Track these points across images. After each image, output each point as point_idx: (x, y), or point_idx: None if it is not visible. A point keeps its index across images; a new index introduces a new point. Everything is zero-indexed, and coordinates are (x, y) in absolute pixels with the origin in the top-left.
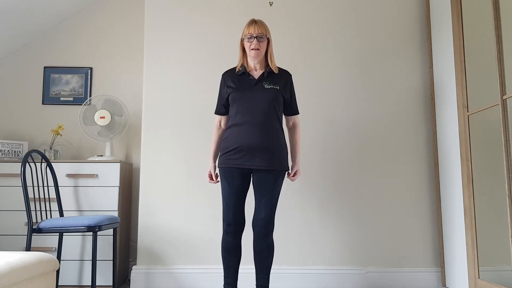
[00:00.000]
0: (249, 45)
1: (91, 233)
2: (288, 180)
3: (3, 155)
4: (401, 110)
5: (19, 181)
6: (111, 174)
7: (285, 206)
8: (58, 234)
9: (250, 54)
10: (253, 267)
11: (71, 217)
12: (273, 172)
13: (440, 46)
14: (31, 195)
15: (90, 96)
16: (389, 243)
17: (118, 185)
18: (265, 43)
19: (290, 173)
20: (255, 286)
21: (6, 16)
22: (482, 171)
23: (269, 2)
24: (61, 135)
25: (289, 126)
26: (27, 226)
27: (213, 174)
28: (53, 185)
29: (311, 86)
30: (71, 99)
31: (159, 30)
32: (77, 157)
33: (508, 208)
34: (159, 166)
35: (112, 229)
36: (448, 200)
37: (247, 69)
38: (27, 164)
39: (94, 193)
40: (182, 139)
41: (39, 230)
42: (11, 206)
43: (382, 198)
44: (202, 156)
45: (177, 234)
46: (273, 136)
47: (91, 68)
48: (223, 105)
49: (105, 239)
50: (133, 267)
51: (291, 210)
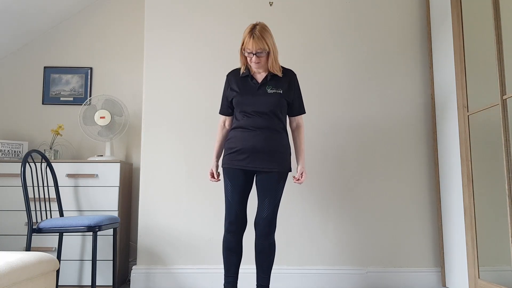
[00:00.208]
0: (249, 59)
1: (91, 233)
2: (289, 180)
3: (3, 155)
4: (401, 110)
5: (19, 181)
6: (111, 174)
7: (286, 206)
8: (58, 234)
9: (251, 65)
10: (254, 267)
11: (71, 217)
12: (276, 173)
13: (440, 46)
14: (31, 195)
15: (90, 96)
16: (389, 243)
17: (118, 185)
18: (265, 56)
19: (296, 176)
20: (256, 286)
21: (6, 16)
22: (482, 171)
23: (269, 2)
24: (61, 135)
25: (293, 127)
26: (27, 226)
27: (215, 173)
28: (53, 185)
29: (311, 86)
30: (71, 99)
31: (159, 30)
32: (77, 157)
33: (508, 208)
34: (159, 166)
35: (112, 229)
36: (448, 200)
37: (251, 72)
38: (27, 164)
39: (94, 193)
40: (182, 139)
41: (39, 230)
42: (11, 206)
43: (382, 198)
44: (202, 156)
45: (177, 234)
46: (276, 140)
47: (91, 68)
48: (228, 107)
49: (105, 239)
50: (133, 267)
51: (292, 210)
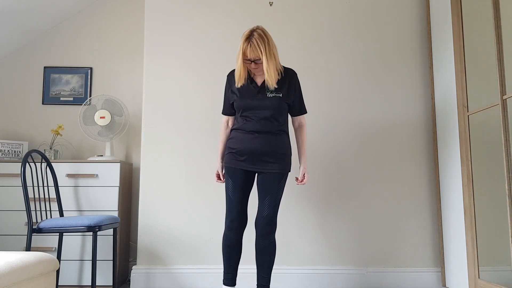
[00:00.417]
0: (248, 65)
1: (91, 233)
2: (289, 180)
3: (3, 155)
4: (401, 110)
5: (19, 181)
6: (111, 174)
7: (286, 206)
8: (58, 234)
9: (251, 70)
10: (254, 267)
11: (71, 217)
12: (277, 174)
13: (440, 46)
14: (31, 195)
15: (90, 96)
16: (389, 243)
17: (118, 185)
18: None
19: (298, 177)
20: (256, 286)
21: (6, 16)
22: (482, 171)
23: (269, 2)
24: (61, 135)
25: (295, 127)
26: (27, 226)
27: (221, 174)
28: (53, 185)
29: (311, 86)
30: (71, 99)
31: (159, 30)
32: (77, 157)
33: (508, 208)
34: (159, 166)
35: (112, 229)
36: (448, 200)
37: (251, 74)
38: (27, 164)
39: (94, 193)
40: (182, 139)
41: (39, 230)
42: (11, 206)
43: (382, 198)
44: (202, 156)
45: (177, 234)
46: (276, 143)
47: (91, 68)
48: (230, 107)
49: (105, 239)
50: (133, 267)
51: (291, 210)
